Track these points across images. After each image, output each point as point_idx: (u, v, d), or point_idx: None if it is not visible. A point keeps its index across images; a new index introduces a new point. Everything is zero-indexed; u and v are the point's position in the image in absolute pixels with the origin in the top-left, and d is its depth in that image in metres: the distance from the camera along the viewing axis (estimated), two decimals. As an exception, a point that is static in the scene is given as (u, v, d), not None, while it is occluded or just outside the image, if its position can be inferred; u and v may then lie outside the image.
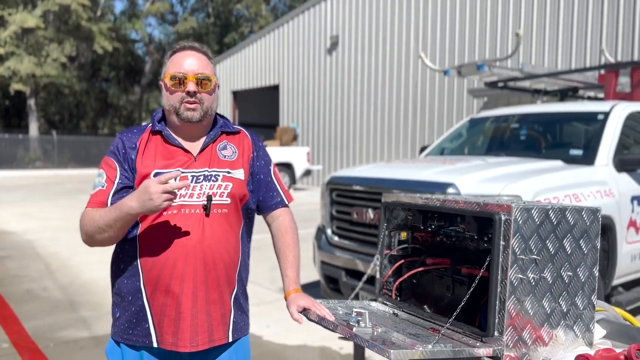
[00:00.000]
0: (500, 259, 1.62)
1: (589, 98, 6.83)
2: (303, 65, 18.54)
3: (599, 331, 1.91)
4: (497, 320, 1.62)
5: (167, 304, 1.68)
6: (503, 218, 1.62)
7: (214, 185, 1.73)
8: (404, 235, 2.15)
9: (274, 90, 20.49)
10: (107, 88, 37.24)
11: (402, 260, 2.11)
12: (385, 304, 2.10)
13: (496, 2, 12.57)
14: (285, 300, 1.88)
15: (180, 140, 1.77)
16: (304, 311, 1.81)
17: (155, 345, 1.70)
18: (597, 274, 1.78)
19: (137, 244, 1.70)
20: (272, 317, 4.61)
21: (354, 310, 1.75)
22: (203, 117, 1.76)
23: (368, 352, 3.89)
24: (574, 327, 1.74)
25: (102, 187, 1.71)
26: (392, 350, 1.45)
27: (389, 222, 2.14)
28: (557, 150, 4.58)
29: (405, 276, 2.04)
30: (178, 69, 1.73)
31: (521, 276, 1.62)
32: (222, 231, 1.73)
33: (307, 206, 12.70)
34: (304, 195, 15.49)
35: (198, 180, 1.72)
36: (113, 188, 1.71)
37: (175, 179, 1.58)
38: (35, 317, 4.69)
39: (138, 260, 1.70)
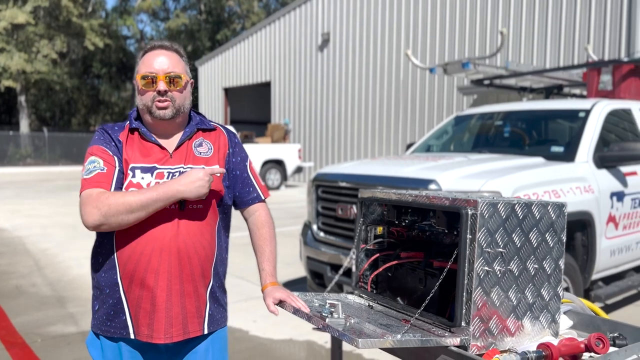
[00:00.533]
0: (467, 252, 1.68)
1: (574, 95, 6.92)
2: (295, 62, 18.56)
3: (565, 322, 1.97)
4: (464, 311, 1.68)
5: (143, 297, 1.73)
6: (470, 212, 1.67)
7: None
8: (379, 229, 2.21)
9: (265, 87, 20.51)
10: (99, 85, 37.08)
11: (378, 254, 2.17)
12: (362, 297, 2.15)
13: (485, 1, 12.64)
14: (262, 293, 1.93)
15: (156, 137, 1.82)
16: (280, 303, 1.87)
17: (132, 336, 1.75)
18: (562, 267, 1.84)
19: (114, 239, 1.74)
20: (258, 312, 4.67)
21: (328, 302, 1.81)
22: (175, 115, 1.80)
23: (351, 346, 3.94)
24: (540, 318, 1.80)
25: (102, 170, 1.72)
26: (360, 340, 1.50)
27: (365, 217, 2.19)
28: (539, 147, 4.66)
29: (380, 269, 2.10)
30: (149, 69, 1.76)
31: (487, 268, 1.68)
32: (197, 226, 1.78)
33: (297, 203, 12.75)
34: (295, 192, 15.54)
35: (174, 177, 1.76)
36: (115, 173, 1.74)
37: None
38: (23, 312, 4.71)
39: (115, 254, 1.74)
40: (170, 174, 1.77)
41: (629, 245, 4.42)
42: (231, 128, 2.12)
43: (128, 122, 1.86)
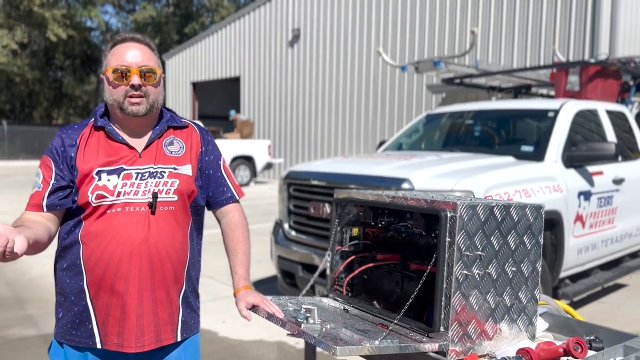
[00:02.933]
0: (446, 255, 1.64)
1: (541, 95, 7.03)
2: (265, 57, 18.39)
3: (541, 324, 1.96)
4: (442, 316, 1.64)
5: (112, 304, 1.64)
6: (449, 215, 1.64)
7: (160, 182, 1.69)
8: (355, 231, 2.16)
9: (235, 82, 20.27)
10: (62, 77, 36.00)
11: (354, 257, 2.12)
12: (337, 300, 2.10)
13: (455, 0, 12.76)
14: (235, 297, 1.86)
15: (124, 136, 1.72)
16: (253, 308, 1.80)
17: (98, 346, 1.66)
18: (540, 269, 1.83)
19: (80, 243, 1.66)
20: (228, 312, 4.58)
21: (303, 306, 1.75)
22: (149, 111, 1.71)
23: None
24: (518, 321, 1.78)
25: (39, 188, 1.67)
26: (337, 347, 1.45)
27: (341, 218, 2.14)
28: (509, 146, 4.70)
29: (356, 272, 2.05)
30: (120, 62, 1.66)
31: (466, 272, 1.65)
32: (169, 229, 1.70)
33: (267, 200, 12.64)
34: (265, 188, 15.41)
35: (143, 177, 1.68)
36: (48, 189, 1.66)
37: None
38: (-21, 315, 4.51)
39: (81, 260, 1.65)
40: (139, 175, 1.68)
41: (595, 244, 4.50)
42: (199, 123, 2.04)
43: (92, 119, 1.75)
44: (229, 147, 14.94)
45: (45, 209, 1.65)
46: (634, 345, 1.67)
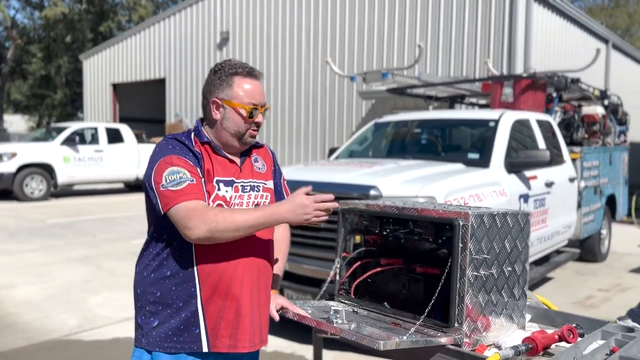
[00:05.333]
0: (460, 259, 1.86)
1: (473, 104, 7.57)
2: (192, 59, 18.10)
3: (526, 316, 2.24)
4: (457, 312, 1.86)
5: (226, 307, 1.74)
6: (462, 223, 1.86)
7: (258, 195, 1.86)
8: (357, 238, 2.34)
9: (159, 84, 19.75)
10: (-39, 75, 33.23)
11: (359, 262, 2.30)
12: (344, 303, 2.27)
13: (382, 10, 13.28)
14: None
15: (224, 152, 1.85)
16: (282, 310, 1.95)
17: (205, 349, 1.74)
18: (528, 268, 2.10)
19: (193, 251, 1.73)
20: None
21: (332, 308, 1.90)
22: None
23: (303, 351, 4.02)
24: (512, 314, 2.04)
25: (192, 181, 1.68)
26: (381, 342, 1.63)
27: (344, 227, 2.31)
28: (455, 153, 5.07)
29: (365, 275, 2.23)
30: (253, 100, 1.80)
31: (476, 273, 1.88)
32: (266, 238, 1.87)
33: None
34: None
35: (245, 190, 1.83)
36: (203, 183, 1.72)
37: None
38: None
39: (195, 267, 1.73)
40: (243, 187, 1.82)
41: (532, 242, 4.96)
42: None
43: (193, 134, 1.82)
44: (157, 151, 14.56)
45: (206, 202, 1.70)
46: (610, 330, 1.98)
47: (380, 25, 13.31)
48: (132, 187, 15.49)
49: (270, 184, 1.95)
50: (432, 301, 1.86)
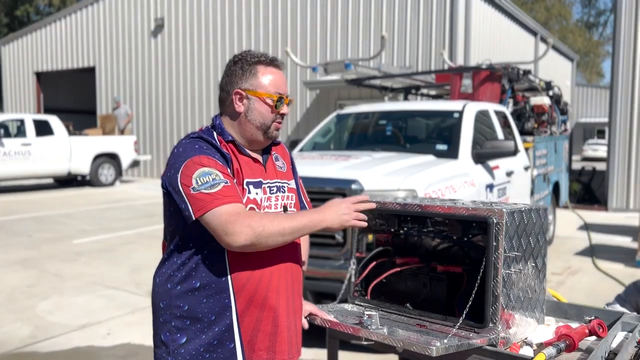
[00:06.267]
0: (493, 258, 1.82)
1: (427, 95, 7.67)
2: (124, 47, 17.25)
3: (541, 309, 2.25)
4: (491, 312, 1.82)
5: (263, 318, 1.61)
6: (495, 221, 1.82)
7: (284, 196, 1.73)
8: (370, 237, 2.26)
9: (88, 72, 18.71)
10: None
11: (374, 262, 2.21)
12: (359, 305, 2.18)
13: (335, 3, 13.21)
14: None
15: (247, 151, 1.71)
16: (310, 316, 1.87)
17: None
18: (547, 262, 2.10)
19: (226, 259, 1.57)
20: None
21: (366, 313, 1.81)
22: None
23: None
24: (535, 310, 2.04)
25: (227, 183, 1.53)
26: (433, 347, 1.56)
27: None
28: (423, 144, 5.08)
29: (384, 275, 2.15)
30: (279, 90, 1.68)
31: (508, 271, 1.85)
32: (297, 240, 1.73)
33: (142, 200, 11.96)
34: (133, 187, 14.56)
35: (272, 191, 1.69)
36: (234, 183, 1.57)
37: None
38: None
39: (229, 276, 1.57)
40: (270, 188, 1.68)
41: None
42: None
43: (216, 133, 1.67)
44: (90, 144, 13.83)
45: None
46: (630, 321, 2.02)
47: (333, 15, 13.24)
48: (62, 182, 14.62)
49: (292, 183, 1.83)
50: (469, 303, 1.80)
